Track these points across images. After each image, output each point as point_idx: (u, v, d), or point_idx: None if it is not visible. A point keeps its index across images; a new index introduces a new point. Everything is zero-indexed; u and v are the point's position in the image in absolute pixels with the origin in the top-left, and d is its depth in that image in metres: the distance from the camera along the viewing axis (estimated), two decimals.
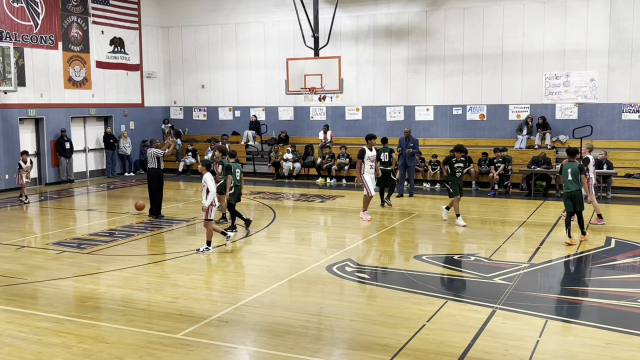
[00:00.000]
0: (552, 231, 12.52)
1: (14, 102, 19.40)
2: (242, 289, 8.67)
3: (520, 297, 8.26)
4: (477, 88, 20.55)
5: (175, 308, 7.86)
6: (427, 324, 7.24)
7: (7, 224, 13.99)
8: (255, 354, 6.53)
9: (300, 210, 15.46)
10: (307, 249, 11.46)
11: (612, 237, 11.78)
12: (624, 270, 9.97)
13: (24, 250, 11.22)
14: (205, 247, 10.85)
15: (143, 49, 24.49)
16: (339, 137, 22.27)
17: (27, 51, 19.73)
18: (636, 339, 6.74)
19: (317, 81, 19.02)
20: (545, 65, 19.59)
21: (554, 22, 19.36)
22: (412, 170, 17.61)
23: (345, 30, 22.01)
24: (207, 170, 10.75)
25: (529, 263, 9.87)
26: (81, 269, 9.81)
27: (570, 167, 11.39)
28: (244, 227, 12.60)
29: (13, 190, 19.05)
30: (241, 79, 24.20)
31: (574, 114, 19.46)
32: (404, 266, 10.04)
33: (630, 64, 18.58)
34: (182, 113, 25.67)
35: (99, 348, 6.58)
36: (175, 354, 6.42)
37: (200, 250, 10.84)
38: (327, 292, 8.63)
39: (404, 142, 17.44)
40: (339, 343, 6.74)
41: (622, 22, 18.56)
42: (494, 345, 6.59)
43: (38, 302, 8.31)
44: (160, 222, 13.86)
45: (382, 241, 11.91)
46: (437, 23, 20.82)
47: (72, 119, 21.68)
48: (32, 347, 6.62)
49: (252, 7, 23.55)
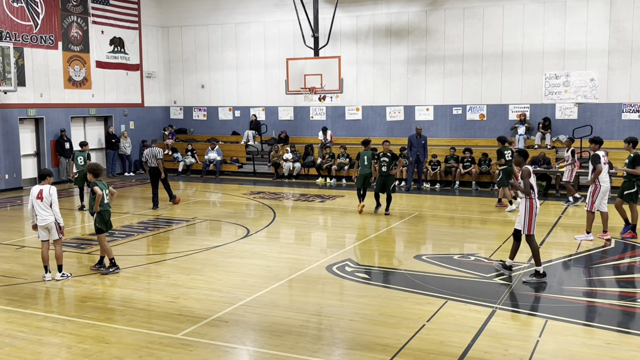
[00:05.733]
0: (552, 231, 12.51)
1: (14, 102, 19.40)
2: (242, 289, 8.67)
3: (520, 297, 8.26)
4: (477, 88, 20.55)
5: (175, 308, 7.86)
6: (427, 324, 7.24)
7: (7, 224, 13.99)
8: (255, 354, 6.53)
9: (300, 210, 15.45)
10: (307, 249, 11.45)
11: (612, 237, 11.77)
12: (624, 270, 9.97)
13: (24, 250, 11.21)
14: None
15: (143, 49, 24.48)
16: (338, 137, 22.26)
17: (27, 51, 19.72)
18: (636, 339, 6.74)
19: (317, 81, 19.03)
20: (545, 65, 19.59)
21: (553, 22, 19.36)
22: (422, 164, 18.73)
23: (345, 30, 22.01)
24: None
25: (529, 263, 9.87)
26: (81, 269, 9.81)
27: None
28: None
29: (13, 190, 19.07)
30: (241, 79, 24.20)
31: (573, 114, 19.46)
32: (404, 266, 10.03)
33: (630, 63, 18.58)
34: (182, 113, 25.67)
35: (99, 348, 6.58)
36: (175, 354, 6.42)
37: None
38: (327, 292, 8.62)
39: (415, 139, 18.51)
40: (339, 343, 6.73)
41: (622, 22, 18.56)
42: (494, 345, 6.58)
43: (38, 302, 8.31)
44: (160, 222, 13.86)
45: (382, 241, 11.91)
46: (437, 23, 20.82)
47: (72, 119, 21.68)
48: (32, 347, 6.62)
49: (252, 7, 23.54)
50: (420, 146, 18.52)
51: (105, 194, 9.45)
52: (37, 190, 9.14)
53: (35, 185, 9.30)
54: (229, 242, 11.71)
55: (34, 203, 9.10)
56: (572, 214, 14.53)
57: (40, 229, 9.17)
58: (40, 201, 9.09)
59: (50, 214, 9.15)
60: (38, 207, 9.09)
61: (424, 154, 18.67)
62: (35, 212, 9.12)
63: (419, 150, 18.42)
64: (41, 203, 9.09)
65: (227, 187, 19.86)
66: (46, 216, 9.12)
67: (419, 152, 18.41)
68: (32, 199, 9.14)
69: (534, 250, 8.99)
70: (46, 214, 9.12)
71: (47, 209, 9.12)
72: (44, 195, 9.10)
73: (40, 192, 9.11)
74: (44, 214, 9.11)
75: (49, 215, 9.13)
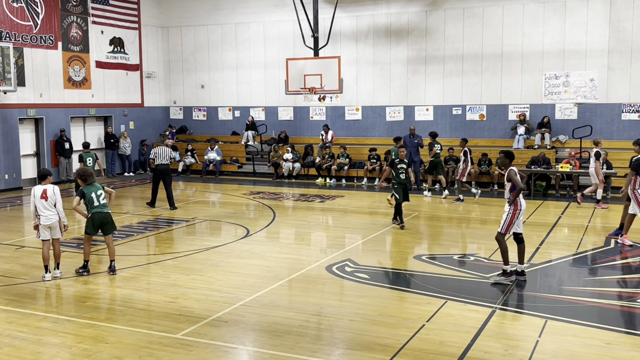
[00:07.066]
0: (552, 231, 12.51)
1: (14, 102, 19.39)
2: (242, 289, 8.66)
3: (520, 297, 8.26)
4: (477, 88, 20.55)
5: (175, 308, 7.85)
6: (426, 324, 7.24)
7: (7, 224, 13.99)
8: (254, 354, 6.53)
9: (300, 210, 15.45)
10: (306, 249, 11.45)
11: (612, 237, 11.77)
12: (624, 270, 9.97)
13: (24, 250, 11.21)
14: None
15: (143, 49, 24.48)
16: (338, 138, 22.26)
17: (26, 51, 19.72)
18: (636, 339, 6.74)
19: (317, 81, 19.04)
20: (545, 65, 19.59)
21: (553, 22, 19.36)
22: (417, 164, 18.54)
23: (345, 30, 22.00)
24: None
25: (529, 263, 9.87)
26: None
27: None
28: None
29: (13, 190, 19.07)
30: (241, 79, 24.20)
31: (573, 114, 19.47)
32: (404, 266, 10.04)
33: (629, 64, 18.59)
34: (182, 113, 25.67)
35: (99, 348, 6.58)
36: (174, 354, 6.41)
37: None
38: (327, 292, 8.62)
39: (408, 139, 18.37)
40: (339, 343, 6.73)
41: (621, 22, 18.57)
42: (493, 345, 6.58)
43: (38, 302, 8.31)
44: (160, 222, 13.86)
45: (382, 241, 11.90)
46: (437, 23, 20.82)
47: (72, 119, 21.68)
48: (31, 347, 6.61)
49: (252, 7, 23.54)
50: (414, 146, 18.46)
51: (96, 196, 9.42)
52: (41, 190, 9.16)
53: (38, 186, 9.30)
54: (229, 242, 11.71)
55: (38, 203, 9.11)
56: (572, 214, 14.53)
57: (43, 228, 9.18)
58: (45, 201, 9.12)
59: (55, 213, 9.20)
60: (42, 207, 9.10)
61: (417, 154, 18.60)
62: (39, 212, 9.13)
63: (412, 150, 18.27)
64: (46, 203, 9.12)
65: (226, 187, 19.86)
66: (51, 215, 9.16)
67: (412, 152, 18.26)
68: (34, 200, 9.14)
69: (502, 250, 8.94)
70: (51, 214, 9.16)
71: (52, 208, 9.17)
72: (49, 195, 9.14)
73: (44, 192, 9.14)
74: (49, 213, 9.14)
75: (53, 214, 9.18)
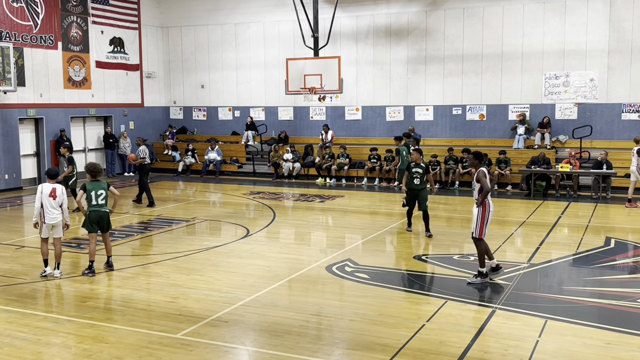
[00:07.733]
0: (552, 231, 12.52)
1: (14, 102, 19.39)
2: (242, 289, 8.66)
3: (520, 297, 8.26)
4: (477, 88, 20.55)
5: (175, 308, 7.86)
6: (426, 324, 7.24)
7: (7, 224, 13.99)
8: (254, 354, 6.53)
9: (300, 210, 15.45)
10: (306, 249, 11.45)
11: (612, 237, 11.78)
12: (624, 270, 9.98)
13: (24, 250, 11.21)
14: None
15: (143, 49, 24.48)
16: (338, 138, 22.26)
17: (26, 51, 19.71)
18: (636, 339, 6.74)
19: (317, 81, 19.04)
20: (545, 65, 19.59)
21: (553, 22, 19.37)
22: None
23: (345, 30, 22.01)
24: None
25: (529, 263, 9.87)
26: (81, 269, 9.80)
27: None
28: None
29: (13, 190, 19.06)
30: (241, 79, 24.20)
31: (573, 114, 19.47)
32: (404, 266, 10.04)
33: (629, 64, 18.59)
34: (182, 113, 25.67)
35: (99, 348, 6.58)
36: (174, 354, 6.42)
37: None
38: (327, 292, 8.62)
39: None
40: (339, 343, 6.73)
41: (621, 22, 18.57)
42: (493, 345, 6.58)
43: (38, 302, 8.31)
44: (160, 222, 13.86)
45: (382, 241, 11.91)
46: (437, 23, 20.82)
47: (72, 119, 21.67)
48: (31, 347, 6.61)
49: (252, 7, 23.55)
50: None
51: (95, 195, 9.42)
52: (50, 189, 9.22)
53: (46, 183, 9.36)
54: (229, 242, 11.71)
55: (45, 201, 9.15)
56: (572, 214, 14.54)
57: (45, 227, 9.21)
58: (52, 199, 9.17)
59: (59, 212, 9.25)
60: (49, 206, 9.16)
61: None
62: (45, 211, 9.16)
63: None
64: (53, 202, 9.18)
65: (226, 187, 19.86)
66: (56, 214, 9.22)
67: None
68: (42, 197, 9.17)
69: (480, 253, 8.92)
70: (56, 212, 9.21)
71: (58, 207, 9.23)
72: (58, 194, 9.21)
73: (53, 191, 9.21)
74: (55, 212, 9.20)
75: (58, 213, 9.24)
